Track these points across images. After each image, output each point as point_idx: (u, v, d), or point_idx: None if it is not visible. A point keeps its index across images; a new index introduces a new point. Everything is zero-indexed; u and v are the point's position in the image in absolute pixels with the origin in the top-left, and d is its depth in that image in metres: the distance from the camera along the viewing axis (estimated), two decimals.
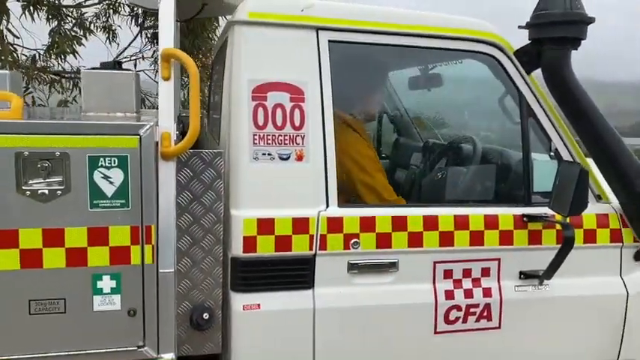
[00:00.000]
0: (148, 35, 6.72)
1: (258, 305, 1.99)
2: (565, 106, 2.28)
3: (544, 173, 2.36)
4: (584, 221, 2.34)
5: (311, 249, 2.03)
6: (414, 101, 3.81)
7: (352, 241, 2.07)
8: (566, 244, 2.17)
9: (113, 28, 6.77)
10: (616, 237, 2.39)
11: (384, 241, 2.10)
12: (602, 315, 2.42)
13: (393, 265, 2.13)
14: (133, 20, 6.64)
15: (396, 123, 3.73)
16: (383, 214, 2.12)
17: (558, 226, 2.28)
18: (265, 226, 1.97)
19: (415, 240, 2.14)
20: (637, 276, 2.45)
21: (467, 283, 2.24)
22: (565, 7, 2.15)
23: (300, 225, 2.01)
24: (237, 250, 1.97)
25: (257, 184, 1.98)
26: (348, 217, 2.07)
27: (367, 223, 2.08)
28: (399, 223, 2.13)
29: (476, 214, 2.22)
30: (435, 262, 2.20)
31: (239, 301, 1.99)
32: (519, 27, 2.28)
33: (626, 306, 2.42)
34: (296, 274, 2.03)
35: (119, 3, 6.60)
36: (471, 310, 2.24)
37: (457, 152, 3.18)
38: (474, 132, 3.11)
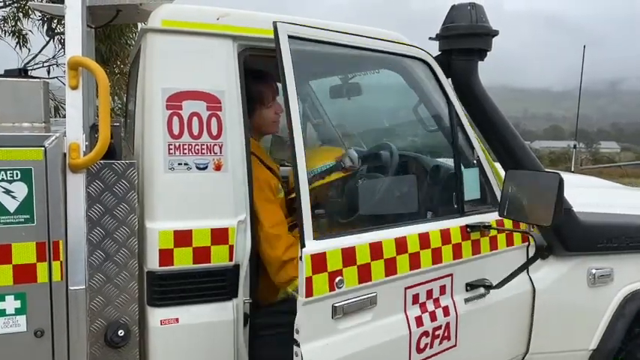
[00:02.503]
0: (62, 41, 6.43)
1: (177, 319, 1.95)
2: (473, 113, 2.40)
3: (469, 181, 2.44)
4: (505, 224, 2.40)
5: (231, 260, 2.00)
6: (338, 109, 3.87)
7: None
8: (537, 252, 2.17)
9: (24, 32, 6.43)
10: (524, 237, 2.53)
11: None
12: (517, 312, 2.55)
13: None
14: (45, 25, 6.35)
15: (319, 131, 3.77)
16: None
17: (493, 232, 2.35)
18: (182, 238, 1.93)
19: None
20: (542, 272, 2.61)
21: (430, 305, 2.17)
22: (471, 21, 2.27)
23: (220, 236, 1.98)
24: (153, 263, 1.92)
25: (173, 195, 1.94)
26: None
27: None
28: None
29: (434, 229, 2.17)
30: (405, 288, 2.09)
31: (156, 316, 1.94)
32: (430, 38, 2.39)
33: (533, 301, 2.57)
34: (216, 285, 2.00)
35: (29, 6, 6.29)
36: (436, 333, 2.18)
37: (375, 160, 3.26)
38: (397, 139, 3.19)
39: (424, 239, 2.12)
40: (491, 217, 2.36)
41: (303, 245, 1.73)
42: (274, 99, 2.46)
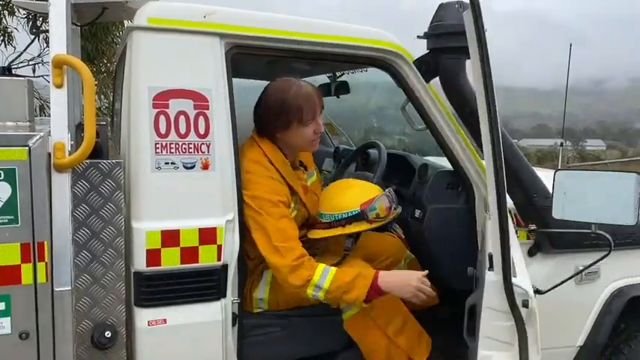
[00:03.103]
0: (47, 39, 6.36)
1: (164, 320, 1.93)
2: (461, 113, 2.40)
3: None
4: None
5: (219, 259, 1.99)
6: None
7: None
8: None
9: (9, 30, 6.35)
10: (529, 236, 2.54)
11: None
12: None
13: None
14: (31, 23, 6.27)
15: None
16: None
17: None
18: (170, 237, 1.92)
19: None
20: (529, 270, 2.62)
21: None
22: (459, 19, 2.27)
23: (208, 235, 1.97)
24: (140, 264, 1.90)
25: (160, 195, 1.92)
26: None
27: None
28: None
29: None
30: None
31: (144, 316, 1.92)
32: (418, 37, 2.39)
33: None
34: (204, 285, 1.98)
35: (13, 3, 6.20)
36: None
37: (366, 157, 3.26)
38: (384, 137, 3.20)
39: None
40: None
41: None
42: (314, 117, 2.23)
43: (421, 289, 2.10)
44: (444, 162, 2.71)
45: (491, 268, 1.73)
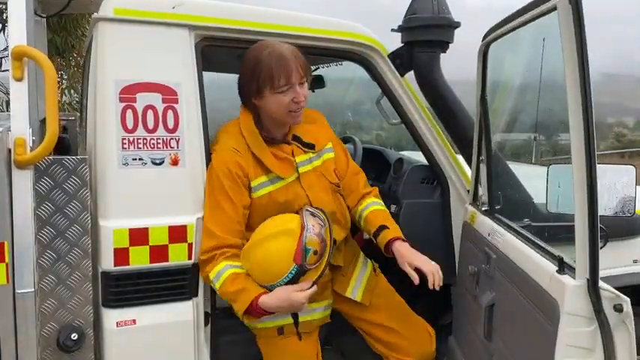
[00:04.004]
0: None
1: (134, 321, 1.87)
2: (436, 106, 2.39)
3: None
4: None
5: (190, 258, 1.94)
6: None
7: None
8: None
9: None
10: None
11: None
12: None
13: None
14: None
15: None
16: None
17: None
18: (138, 236, 1.86)
19: None
20: None
21: None
22: (433, 11, 2.25)
23: (178, 234, 1.91)
24: (107, 263, 1.84)
25: (127, 192, 1.86)
26: None
27: None
28: None
29: None
30: None
31: (112, 317, 1.86)
32: (392, 30, 2.36)
33: None
34: (174, 285, 1.93)
35: None
36: None
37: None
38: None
39: None
40: None
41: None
42: (289, 83, 1.89)
43: (299, 299, 1.83)
44: (419, 157, 2.70)
45: (561, 271, 1.58)
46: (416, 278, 1.94)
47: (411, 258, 1.99)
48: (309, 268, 1.85)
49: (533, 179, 2.58)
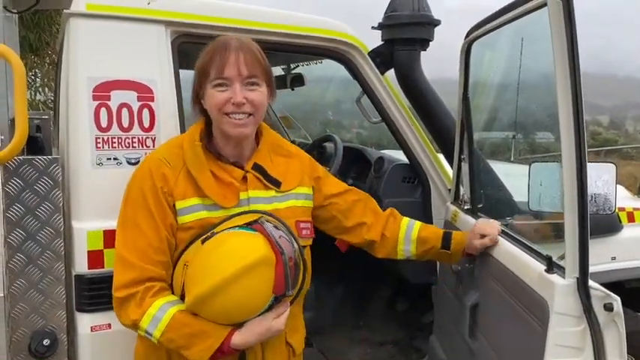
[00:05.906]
0: None
1: (109, 325, 1.82)
2: (416, 104, 2.38)
3: None
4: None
5: None
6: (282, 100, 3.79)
7: None
8: None
9: None
10: None
11: None
12: None
13: None
14: None
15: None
16: None
17: None
18: (113, 238, 1.78)
19: None
20: None
21: None
22: (413, 9, 2.23)
23: None
24: (81, 266, 1.79)
25: (102, 192, 1.80)
26: None
27: None
28: None
29: None
30: None
31: (86, 322, 1.81)
32: (372, 28, 2.34)
33: None
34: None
35: None
36: None
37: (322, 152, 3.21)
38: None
39: None
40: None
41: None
42: (221, 75, 1.52)
43: (279, 327, 1.50)
44: (400, 155, 2.69)
45: (550, 270, 1.54)
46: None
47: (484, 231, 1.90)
48: (291, 293, 1.50)
49: (512, 177, 2.58)
